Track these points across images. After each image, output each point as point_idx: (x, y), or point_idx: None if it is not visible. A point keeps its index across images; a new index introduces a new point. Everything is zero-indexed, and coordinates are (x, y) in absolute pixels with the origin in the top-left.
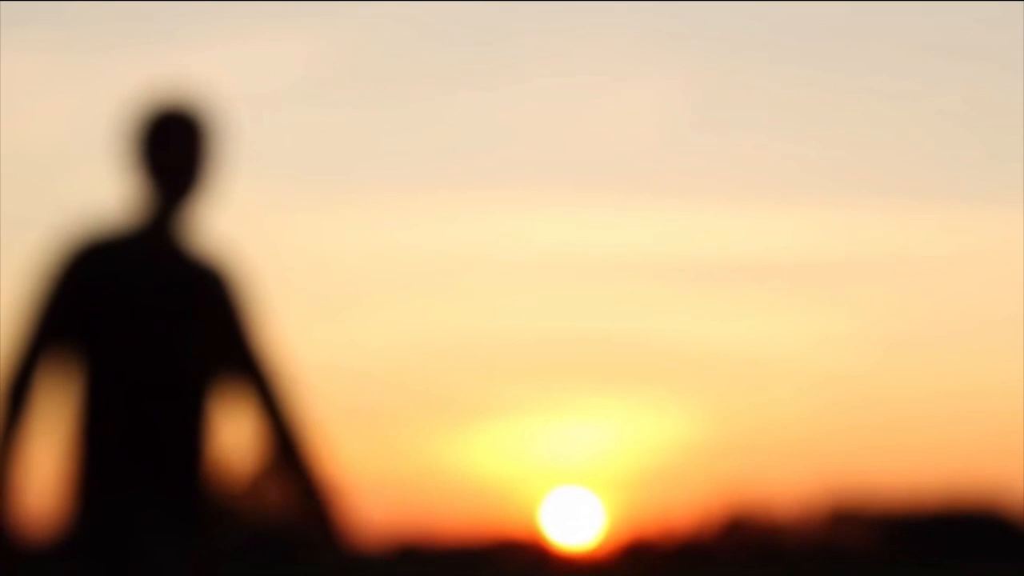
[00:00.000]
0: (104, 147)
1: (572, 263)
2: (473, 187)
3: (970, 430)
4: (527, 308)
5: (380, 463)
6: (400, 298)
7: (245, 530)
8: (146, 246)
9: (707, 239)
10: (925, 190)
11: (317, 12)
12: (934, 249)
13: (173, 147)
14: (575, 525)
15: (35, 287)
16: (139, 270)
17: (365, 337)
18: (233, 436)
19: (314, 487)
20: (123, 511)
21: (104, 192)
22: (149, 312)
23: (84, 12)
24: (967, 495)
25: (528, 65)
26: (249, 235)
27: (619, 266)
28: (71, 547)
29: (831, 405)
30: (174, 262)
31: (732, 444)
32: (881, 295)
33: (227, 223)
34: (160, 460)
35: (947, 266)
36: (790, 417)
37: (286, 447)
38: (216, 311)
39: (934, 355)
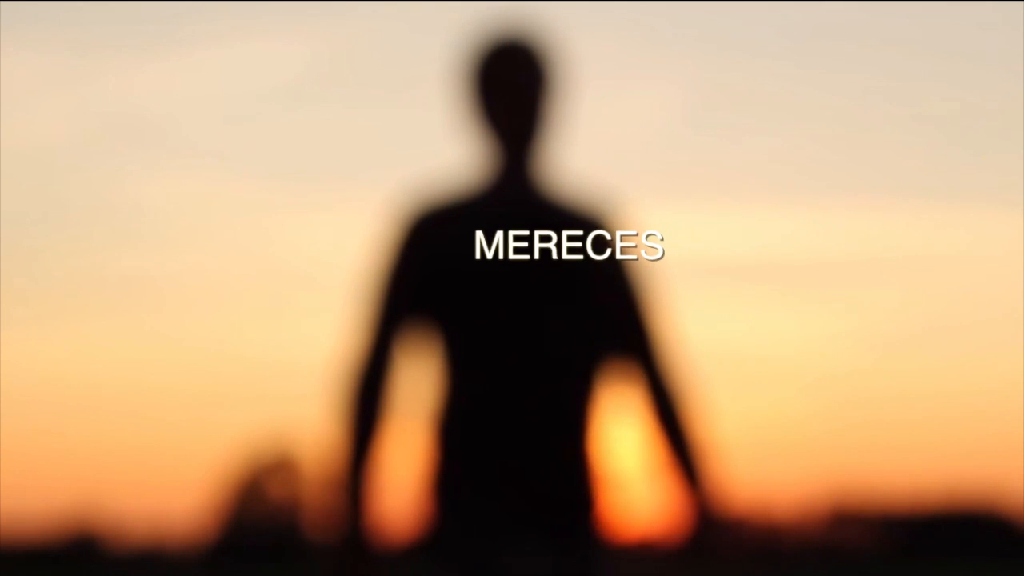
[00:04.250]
0: (103, 147)
1: None
2: None
3: (970, 430)
4: None
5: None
6: None
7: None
8: (501, 205)
9: (707, 239)
10: (925, 190)
11: (317, 12)
12: (934, 249)
13: (513, 89)
14: None
15: (378, 261)
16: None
17: None
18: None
19: (694, 459)
20: (486, 516)
21: (106, 189)
22: (513, 282)
23: (84, 12)
24: (967, 495)
25: None
26: (245, 234)
27: None
28: (430, 552)
29: (831, 405)
30: (536, 221)
31: (732, 444)
32: (881, 295)
33: (221, 221)
34: (532, 456)
35: (947, 266)
36: (790, 416)
37: (670, 423)
38: (597, 277)
39: (934, 355)
